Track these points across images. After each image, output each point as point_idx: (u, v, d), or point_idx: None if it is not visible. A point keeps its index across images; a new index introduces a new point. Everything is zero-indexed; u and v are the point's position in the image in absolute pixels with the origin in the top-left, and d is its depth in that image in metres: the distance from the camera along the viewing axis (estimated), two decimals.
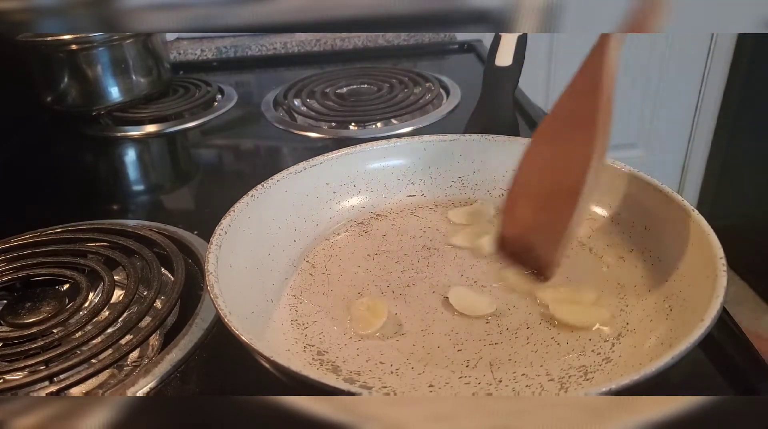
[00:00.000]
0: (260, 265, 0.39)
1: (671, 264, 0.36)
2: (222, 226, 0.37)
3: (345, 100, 0.75)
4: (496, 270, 0.39)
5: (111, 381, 0.36)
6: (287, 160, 0.65)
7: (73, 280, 0.42)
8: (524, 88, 0.68)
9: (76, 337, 0.37)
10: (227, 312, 0.30)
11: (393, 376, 0.32)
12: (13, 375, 0.35)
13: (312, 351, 0.34)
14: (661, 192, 0.38)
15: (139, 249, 0.44)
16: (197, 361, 0.36)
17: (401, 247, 0.43)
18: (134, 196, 0.63)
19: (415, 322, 0.36)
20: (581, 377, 0.31)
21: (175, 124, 0.73)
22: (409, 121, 0.68)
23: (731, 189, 1.49)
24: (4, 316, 0.40)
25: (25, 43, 0.70)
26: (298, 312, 0.37)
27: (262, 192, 0.41)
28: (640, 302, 0.36)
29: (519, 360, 0.33)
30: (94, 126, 0.74)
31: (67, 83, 0.72)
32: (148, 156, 0.71)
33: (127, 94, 0.75)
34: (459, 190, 0.48)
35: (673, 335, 0.31)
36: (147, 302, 0.39)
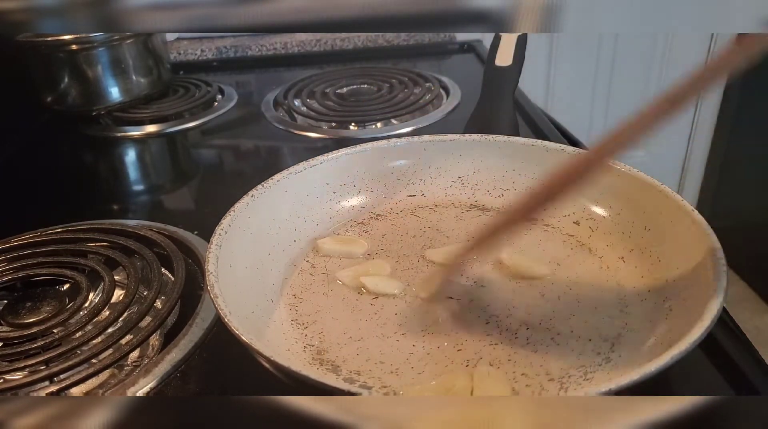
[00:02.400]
0: (260, 265, 0.39)
1: (671, 264, 0.36)
2: (222, 226, 0.37)
3: (345, 100, 0.75)
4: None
5: (111, 381, 0.36)
6: (287, 160, 0.65)
7: (74, 280, 0.42)
8: (524, 88, 0.68)
9: (77, 337, 0.37)
10: (227, 312, 0.30)
11: (393, 376, 0.32)
12: (13, 375, 0.35)
13: (312, 351, 0.34)
14: (661, 192, 0.38)
15: (140, 249, 0.44)
16: (197, 361, 0.36)
17: (401, 247, 0.43)
18: (134, 196, 0.64)
19: (415, 322, 0.36)
20: (581, 377, 0.31)
21: (175, 124, 0.73)
22: (409, 121, 0.68)
23: (731, 189, 1.49)
24: (4, 316, 0.40)
25: (25, 43, 0.70)
26: (298, 312, 0.37)
27: (262, 192, 0.41)
28: (640, 302, 0.36)
29: (519, 360, 0.33)
30: (94, 126, 0.74)
31: (67, 83, 0.72)
32: (148, 156, 0.71)
33: (127, 94, 0.75)
34: (459, 190, 0.48)
35: (673, 335, 0.31)
36: (147, 302, 0.39)
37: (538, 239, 0.42)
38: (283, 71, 0.92)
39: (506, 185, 0.47)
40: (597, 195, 0.43)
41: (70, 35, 0.69)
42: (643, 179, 0.40)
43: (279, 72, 0.93)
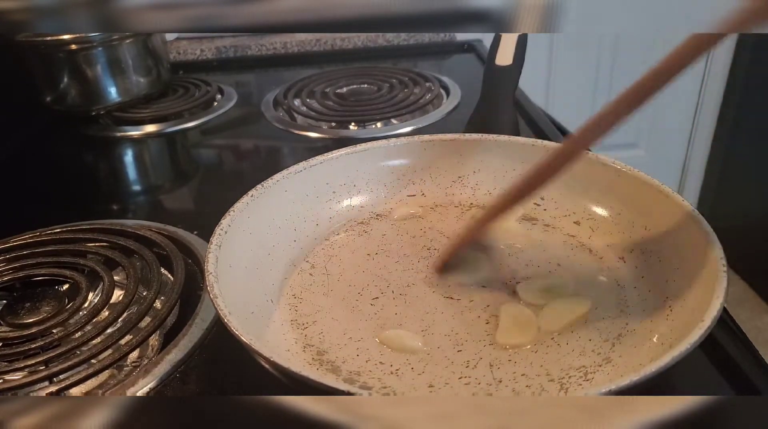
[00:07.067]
0: (260, 265, 0.39)
1: (671, 264, 0.36)
2: (222, 226, 0.37)
3: (345, 100, 0.75)
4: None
5: (111, 381, 0.36)
6: (287, 160, 0.65)
7: (73, 280, 0.42)
8: (524, 88, 0.68)
9: (76, 337, 0.37)
10: (227, 312, 0.30)
11: (393, 376, 0.32)
12: (13, 375, 0.35)
13: (312, 351, 0.34)
14: (661, 192, 0.38)
15: (139, 249, 0.44)
16: (197, 361, 0.36)
17: (401, 247, 0.43)
18: (134, 196, 0.63)
19: (415, 322, 0.36)
20: (581, 377, 0.31)
21: (175, 124, 0.73)
22: (409, 121, 0.68)
23: (731, 189, 1.49)
24: (3, 316, 0.40)
25: (25, 43, 0.70)
26: (298, 312, 0.37)
27: (262, 192, 0.41)
28: (640, 302, 0.36)
29: (519, 360, 0.33)
30: (93, 126, 0.74)
31: (66, 83, 0.72)
32: (148, 156, 0.71)
33: (126, 94, 0.75)
34: (459, 190, 0.48)
35: (673, 335, 0.31)
36: (147, 302, 0.39)
37: (538, 239, 0.42)
38: (283, 71, 0.92)
39: (506, 185, 0.46)
40: (597, 195, 0.43)
41: (69, 35, 0.69)
42: (643, 179, 0.40)
43: (279, 72, 0.93)
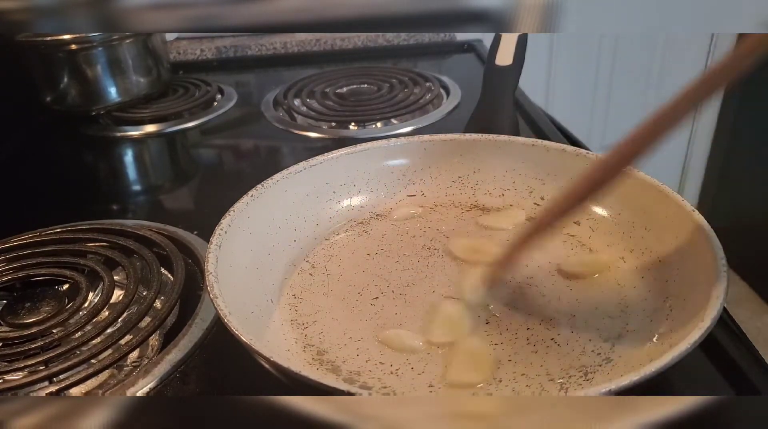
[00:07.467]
0: (260, 265, 0.39)
1: (671, 264, 0.36)
2: (222, 226, 0.37)
3: (345, 100, 0.75)
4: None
5: (111, 381, 0.36)
6: (287, 160, 0.65)
7: (73, 280, 0.42)
8: (524, 88, 0.68)
9: (76, 337, 0.37)
10: (227, 312, 0.30)
11: (393, 376, 0.32)
12: (13, 375, 0.35)
13: (312, 351, 0.34)
14: (661, 192, 0.38)
15: (139, 249, 0.44)
16: (197, 361, 0.36)
17: (401, 247, 0.43)
18: (134, 196, 0.63)
19: (415, 322, 0.36)
20: (581, 377, 0.31)
21: (175, 124, 0.73)
22: (409, 121, 0.68)
23: (731, 189, 1.49)
24: (3, 316, 0.40)
25: (25, 43, 0.70)
26: (298, 312, 0.37)
27: (262, 192, 0.41)
28: (640, 302, 0.36)
29: (519, 360, 0.32)
30: (93, 126, 0.74)
31: (66, 83, 0.72)
32: (148, 156, 0.71)
33: (126, 94, 0.75)
34: (459, 190, 0.48)
35: (673, 335, 0.31)
36: (147, 302, 0.39)
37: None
38: (283, 71, 0.92)
39: (506, 185, 0.47)
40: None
41: (69, 35, 0.69)
42: (643, 179, 0.40)
43: (279, 72, 0.93)
